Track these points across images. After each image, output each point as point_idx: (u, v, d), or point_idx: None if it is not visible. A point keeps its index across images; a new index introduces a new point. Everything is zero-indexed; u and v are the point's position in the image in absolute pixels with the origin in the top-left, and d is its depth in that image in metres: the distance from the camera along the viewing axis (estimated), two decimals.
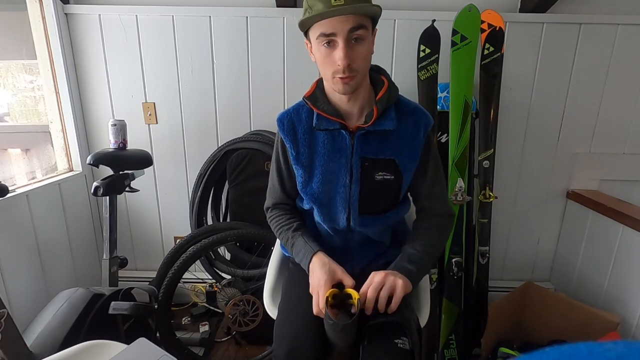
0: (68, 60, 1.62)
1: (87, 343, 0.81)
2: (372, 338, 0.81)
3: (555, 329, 1.49)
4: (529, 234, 1.82)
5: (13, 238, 1.36)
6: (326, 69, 0.82)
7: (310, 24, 0.80)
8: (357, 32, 0.77)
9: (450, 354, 1.53)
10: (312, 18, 0.77)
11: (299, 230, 0.96)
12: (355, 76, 0.81)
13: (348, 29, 0.76)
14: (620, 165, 1.70)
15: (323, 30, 0.78)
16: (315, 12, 0.76)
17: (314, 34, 0.81)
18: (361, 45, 0.79)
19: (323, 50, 0.80)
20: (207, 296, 1.78)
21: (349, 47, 0.77)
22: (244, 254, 1.65)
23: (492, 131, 1.48)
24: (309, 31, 0.83)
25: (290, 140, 0.93)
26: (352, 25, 0.76)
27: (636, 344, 0.19)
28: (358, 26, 0.77)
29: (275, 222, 1.02)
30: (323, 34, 0.78)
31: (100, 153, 1.37)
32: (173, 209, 1.84)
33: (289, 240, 0.96)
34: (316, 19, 0.77)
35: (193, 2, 1.59)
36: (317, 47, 0.82)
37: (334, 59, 0.79)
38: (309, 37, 0.84)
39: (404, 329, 0.81)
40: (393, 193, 0.93)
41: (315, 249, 0.90)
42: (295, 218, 1.01)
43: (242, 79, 1.67)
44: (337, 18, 0.76)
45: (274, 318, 0.96)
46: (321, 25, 0.78)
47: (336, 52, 0.78)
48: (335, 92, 0.87)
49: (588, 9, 1.55)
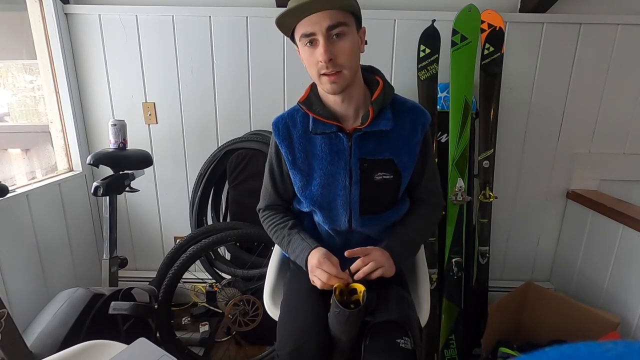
0: (68, 60, 1.62)
1: (87, 343, 0.81)
2: (374, 337, 0.81)
3: (555, 329, 1.49)
4: (529, 234, 1.82)
5: (13, 238, 1.36)
6: (312, 69, 0.83)
7: (289, 24, 0.82)
8: (337, 29, 0.78)
9: (450, 354, 1.53)
10: (284, 16, 0.78)
11: (294, 228, 0.97)
12: (340, 72, 0.81)
13: (327, 27, 0.77)
14: (620, 165, 1.70)
15: (303, 30, 0.79)
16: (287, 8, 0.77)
17: (297, 37, 0.83)
18: (343, 41, 0.80)
19: (307, 50, 0.82)
20: (207, 296, 1.78)
21: (329, 42, 0.79)
22: (244, 254, 1.65)
23: (492, 131, 1.48)
24: (294, 34, 0.84)
25: (285, 146, 0.93)
26: (330, 22, 0.77)
27: (636, 344, 0.19)
28: (337, 23, 0.78)
29: (269, 221, 1.03)
30: (304, 34, 0.80)
31: (100, 153, 1.37)
32: (173, 209, 1.84)
33: (284, 239, 0.97)
34: (291, 18, 0.79)
35: (193, 2, 1.59)
36: (302, 49, 0.84)
37: (316, 57, 0.80)
38: (295, 41, 0.86)
39: (406, 328, 0.81)
40: (393, 192, 0.93)
41: (313, 245, 0.91)
42: (290, 217, 1.01)
43: (242, 79, 1.67)
44: (314, 17, 0.77)
45: (274, 318, 0.95)
46: (301, 25, 0.80)
47: (318, 49, 0.79)
48: (329, 95, 0.88)
49: (588, 9, 1.55)
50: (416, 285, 1.05)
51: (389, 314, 0.82)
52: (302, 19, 0.79)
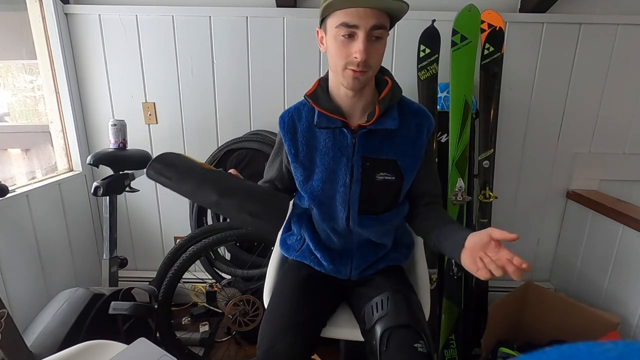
0: (68, 60, 1.62)
1: (87, 343, 0.81)
2: (391, 344, 0.80)
3: (555, 329, 1.49)
4: (529, 234, 1.82)
5: (13, 238, 1.36)
6: (340, 59, 0.81)
7: (337, 6, 0.78)
8: (378, 30, 0.77)
9: (450, 354, 1.53)
10: (339, 2, 0.75)
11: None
12: (367, 72, 0.81)
13: (371, 25, 0.76)
14: (620, 165, 1.70)
15: (346, 20, 0.76)
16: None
17: (333, 23, 0.79)
18: (379, 44, 0.80)
19: (340, 40, 0.79)
20: (207, 296, 1.78)
21: (369, 41, 0.78)
22: (244, 254, 1.65)
23: (492, 131, 1.48)
24: (327, 19, 0.81)
25: (289, 139, 0.93)
26: (375, 22, 0.76)
27: (636, 344, 0.19)
28: (380, 25, 0.77)
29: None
30: (346, 23, 0.77)
31: (100, 153, 1.37)
32: (173, 209, 1.84)
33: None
34: (344, 2, 0.76)
35: (193, 2, 1.59)
36: (333, 36, 0.80)
37: (350, 51, 0.79)
38: (325, 26, 0.83)
39: (420, 332, 0.81)
40: (393, 194, 0.93)
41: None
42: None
43: (242, 79, 1.67)
44: (362, 11, 0.75)
45: None
46: (345, 14, 0.76)
47: (355, 44, 0.78)
48: (340, 89, 0.87)
49: (588, 9, 1.55)
50: (416, 285, 1.05)
51: (402, 318, 0.82)
52: (351, 7, 0.76)
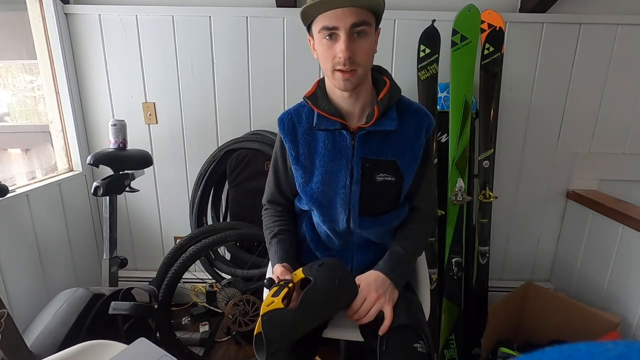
0: (68, 60, 1.62)
1: (87, 343, 0.81)
2: (390, 344, 0.80)
3: (555, 329, 1.49)
4: (529, 234, 1.82)
5: (13, 238, 1.36)
6: (327, 62, 0.82)
7: (312, 14, 0.80)
8: (359, 27, 0.77)
9: (450, 354, 1.53)
10: (313, 6, 0.77)
11: (277, 236, 0.98)
12: (355, 71, 0.81)
13: (351, 23, 0.76)
14: (620, 165, 1.70)
15: (325, 23, 0.78)
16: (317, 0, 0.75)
17: (316, 28, 0.81)
18: (363, 40, 0.79)
19: (325, 43, 0.80)
20: (207, 296, 1.78)
21: (350, 40, 0.78)
22: (244, 254, 1.65)
23: (492, 131, 1.48)
24: (312, 25, 0.83)
25: (289, 141, 0.93)
26: (355, 20, 0.76)
27: (636, 344, 0.19)
28: (361, 22, 0.77)
29: (264, 222, 1.05)
30: (325, 27, 0.78)
31: (100, 153, 1.37)
32: (173, 209, 1.84)
33: (269, 244, 0.99)
34: (318, 8, 0.77)
35: (193, 2, 1.59)
36: (319, 41, 0.82)
37: (335, 52, 0.79)
38: (311, 32, 0.84)
39: (419, 332, 0.81)
40: (394, 195, 0.93)
41: (278, 261, 0.92)
42: (281, 221, 1.01)
43: (242, 79, 1.67)
44: (340, 11, 0.76)
45: None
46: (324, 17, 0.78)
47: (338, 44, 0.78)
48: (336, 91, 0.87)
49: (588, 9, 1.55)
50: (416, 285, 1.05)
51: (402, 318, 0.82)
52: (327, 11, 0.77)
